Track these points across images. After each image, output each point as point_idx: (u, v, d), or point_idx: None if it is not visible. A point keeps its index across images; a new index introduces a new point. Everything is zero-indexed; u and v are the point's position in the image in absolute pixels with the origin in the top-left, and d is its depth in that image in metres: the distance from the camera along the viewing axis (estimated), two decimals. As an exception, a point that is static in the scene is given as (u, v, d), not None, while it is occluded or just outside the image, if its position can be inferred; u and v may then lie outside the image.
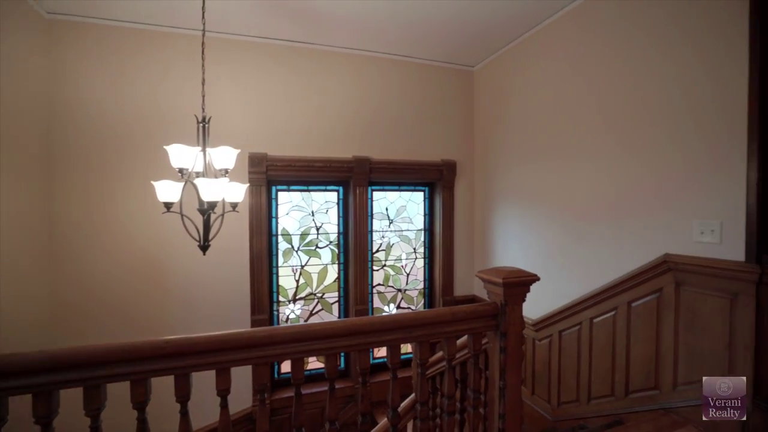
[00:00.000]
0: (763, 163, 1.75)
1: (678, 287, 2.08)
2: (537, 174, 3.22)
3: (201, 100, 2.17)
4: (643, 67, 2.32)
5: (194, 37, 2.96)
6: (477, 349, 1.62)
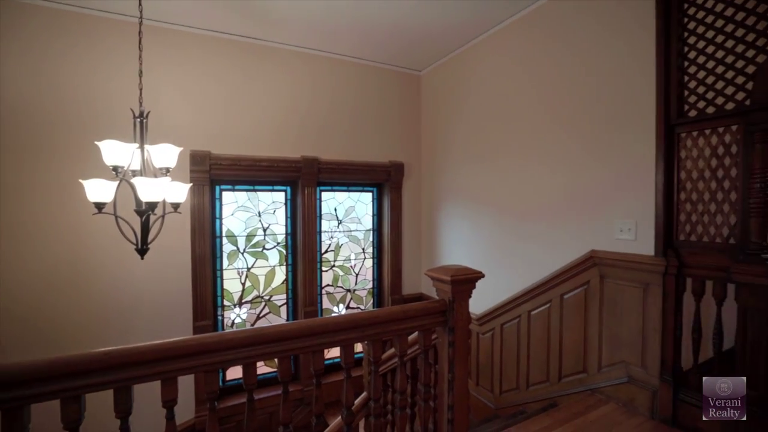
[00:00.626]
0: (667, 170, 2.01)
1: (602, 280, 2.32)
2: (481, 176, 3.41)
3: (138, 94, 2.02)
4: (572, 82, 2.55)
5: (130, 24, 2.74)
6: (427, 345, 1.68)
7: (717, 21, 1.86)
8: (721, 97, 1.84)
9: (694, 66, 1.94)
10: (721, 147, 1.84)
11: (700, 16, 1.93)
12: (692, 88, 1.96)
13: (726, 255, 1.81)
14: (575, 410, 2.21)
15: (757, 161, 1.70)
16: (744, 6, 1.77)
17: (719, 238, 1.85)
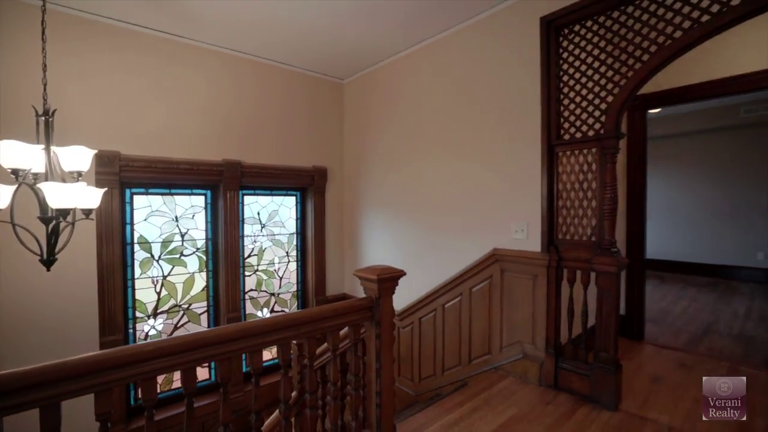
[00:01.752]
0: (549, 181, 2.47)
1: (502, 273, 2.73)
2: (400, 183, 3.69)
3: (42, 89, 1.86)
4: (481, 103, 2.95)
5: (31, 7, 2.46)
6: (357, 339, 1.86)
7: (580, 68, 2.36)
8: (585, 126, 2.34)
9: (567, 100, 2.42)
10: (585, 164, 2.34)
11: (568, 66, 2.41)
12: (566, 117, 2.44)
13: (590, 250, 2.30)
14: (482, 386, 2.57)
15: (608, 177, 2.21)
16: (599, 58, 2.28)
17: (585, 237, 2.34)
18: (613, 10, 2.23)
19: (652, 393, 2.41)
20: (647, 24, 2.10)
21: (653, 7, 2.09)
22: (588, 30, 2.35)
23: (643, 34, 2.12)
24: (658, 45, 2.07)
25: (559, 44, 2.49)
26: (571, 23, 2.41)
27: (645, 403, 2.29)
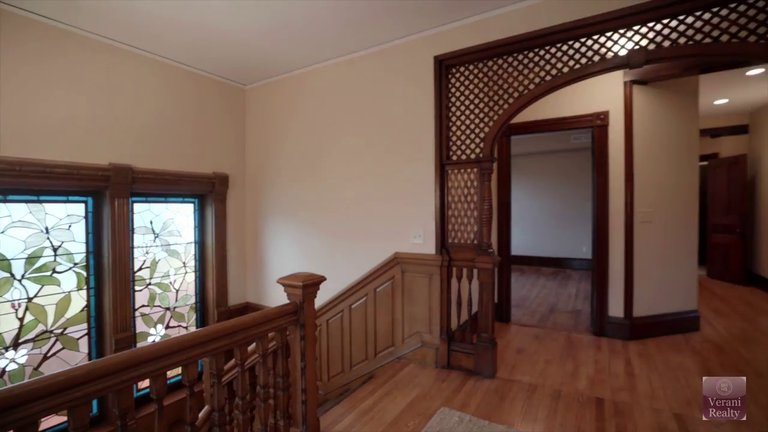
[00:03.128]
0: (441, 194, 2.94)
1: (403, 274, 3.12)
2: (307, 191, 3.84)
3: None
4: (386, 124, 3.31)
5: None
6: (283, 342, 2.00)
7: (465, 102, 2.89)
8: (468, 150, 2.87)
9: (455, 127, 2.93)
10: (469, 181, 2.86)
11: (456, 99, 2.93)
12: (454, 141, 2.94)
13: (473, 251, 2.82)
14: (389, 375, 2.91)
15: (486, 191, 2.76)
16: (478, 96, 2.83)
17: (469, 240, 2.86)
18: (488, 60, 2.80)
19: (517, 361, 3.06)
20: (512, 75, 2.71)
21: (515, 63, 2.71)
22: (470, 72, 2.89)
23: (509, 83, 2.73)
24: (519, 92, 2.69)
25: (448, 80, 2.99)
26: (457, 64, 2.93)
27: (513, 370, 2.91)
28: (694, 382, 2.66)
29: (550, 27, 2.53)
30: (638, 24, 2.31)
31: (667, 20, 2.24)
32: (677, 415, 2.24)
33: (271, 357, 2.05)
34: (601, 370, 2.87)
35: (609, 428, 2.14)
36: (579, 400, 2.45)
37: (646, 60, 2.29)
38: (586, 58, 2.48)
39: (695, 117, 3.70)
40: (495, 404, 2.42)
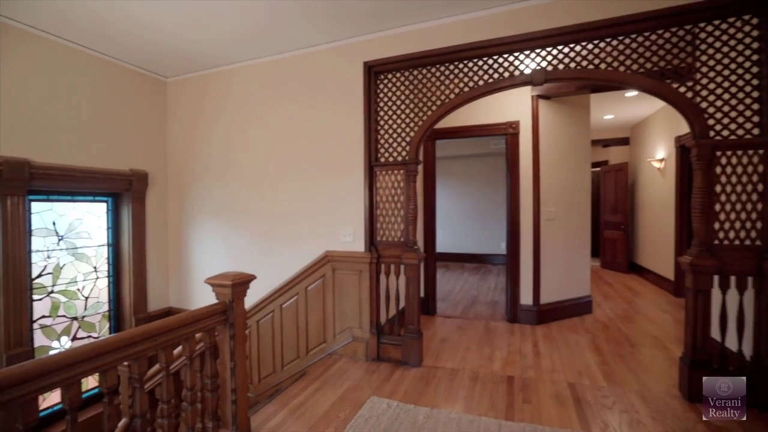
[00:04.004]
0: (370, 194, 3.08)
1: (334, 272, 3.21)
2: (236, 191, 3.75)
3: None
4: (317, 125, 3.36)
5: None
6: (212, 342, 1.98)
7: (392, 107, 3.06)
8: (395, 152, 3.05)
9: (383, 130, 3.09)
10: (396, 182, 3.04)
11: (384, 104, 3.09)
12: (382, 144, 3.10)
13: (400, 248, 3.01)
14: (320, 371, 2.98)
15: (411, 192, 2.96)
16: (405, 102, 3.02)
17: (396, 238, 3.04)
18: (414, 69, 3.00)
19: (441, 350, 3.31)
20: (434, 85, 2.94)
21: (438, 74, 2.94)
22: (397, 79, 3.07)
23: (432, 91, 2.95)
24: (441, 101, 2.92)
25: (377, 86, 3.14)
26: (385, 71, 3.09)
27: (438, 357, 3.15)
28: (585, 355, 3.12)
29: (467, 43, 2.80)
30: (539, 48, 2.66)
31: (561, 47, 2.62)
32: (570, 384, 2.63)
33: (199, 359, 2.02)
34: (513, 352, 3.23)
35: (517, 400, 2.43)
36: (493, 379, 2.74)
37: (546, 79, 2.65)
38: (498, 73, 2.79)
39: (588, 129, 4.30)
40: (421, 390, 2.62)
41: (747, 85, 2.27)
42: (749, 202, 2.28)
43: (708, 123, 2.32)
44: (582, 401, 2.40)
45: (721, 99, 2.31)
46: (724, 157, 2.31)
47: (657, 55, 2.43)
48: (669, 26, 2.40)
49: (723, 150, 2.30)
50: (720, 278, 2.31)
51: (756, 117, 2.25)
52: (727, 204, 2.31)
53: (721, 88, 2.31)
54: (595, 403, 2.38)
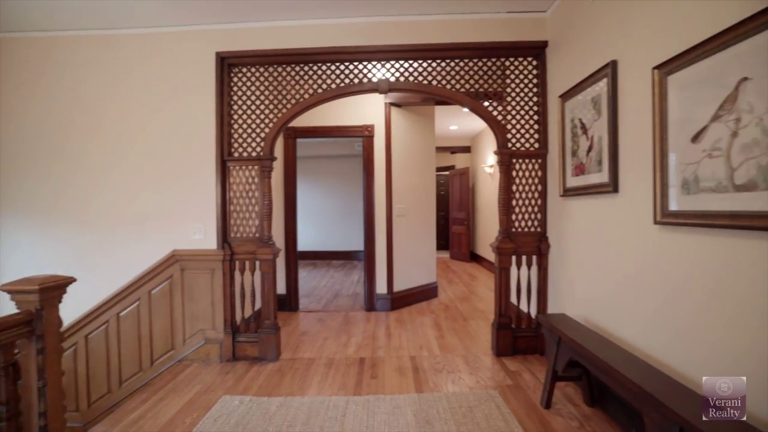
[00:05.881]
0: (223, 190, 2.98)
1: (183, 272, 2.99)
2: (65, 183, 3.12)
3: None
4: (160, 118, 3.06)
5: None
6: (7, 360, 1.66)
7: (247, 102, 3.02)
8: (250, 147, 3.01)
9: (237, 125, 3.02)
10: (250, 178, 3.01)
11: (238, 98, 3.02)
12: (236, 138, 3.02)
13: (254, 244, 2.98)
14: (166, 380, 2.74)
15: (266, 188, 2.97)
16: (260, 98, 3.01)
17: (251, 234, 3.01)
18: (269, 66, 3.01)
19: (301, 342, 3.40)
20: (290, 84, 3.01)
21: (293, 73, 3.02)
22: (252, 74, 3.03)
23: (287, 90, 3.01)
24: (296, 99, 3.01)
25: (231, 78, 3.04)
26: (240, 65, 3.02)
27: (297, 349, 3.22)
28: (427, 332, 3.60)
29: (322, 47, 2.95)
30: (385, 60, 2.98)
31: (403, 62, 2.98)
32: (412, 357, 3.02)
33: (-8, 381, 1.68)
34: (367, 337, 3.51)
35: (366, 377, 2.68)
36: (347, 362, 2.95)
37: (390, 89, 2.98)
38: (348, 79, 3.01)
39: (433, 136, 4.94)
40: (276, 382, 2.65)
41: (531, 110, 2.96)
42: (533, 199, 2.98)
43: (507, 136, 2.95)
44: (419, 369, 2.79)
45: (515, 118, 2.96)
46: (518, 164, 2.97)
47: (477, 80, 2.98)
48: (487, 57, 2.96)
49: (517, 158, 2.96)
50: (516, 257, 2.97)
51: (537, 135, 2.96)
52: (520, 200, 2.98)
53: (515, 110, 2.96)
54: (430, 369, 2.79)
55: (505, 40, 2.92)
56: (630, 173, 1.99)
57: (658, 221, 1.74)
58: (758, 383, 1.30)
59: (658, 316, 1.79)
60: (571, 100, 2.55)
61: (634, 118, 1.94)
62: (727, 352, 1.42)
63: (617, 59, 2.07)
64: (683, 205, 1.60)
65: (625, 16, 2.01)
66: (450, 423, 2.07)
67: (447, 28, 2.94)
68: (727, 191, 1.38)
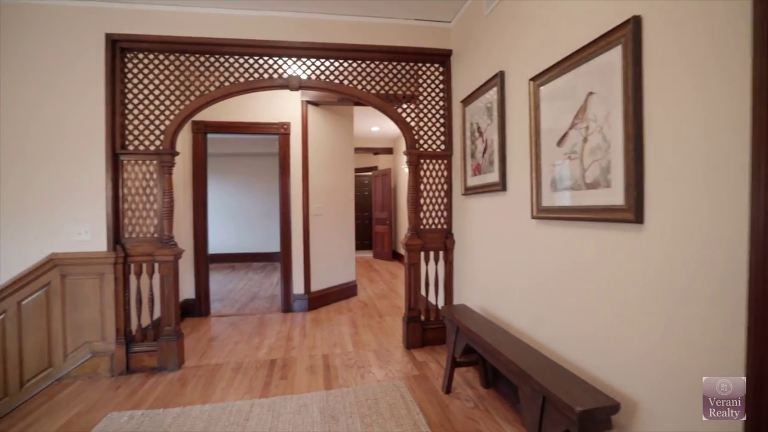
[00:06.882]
0: (115, 186, 2.70)
1: (64, 278, 2.65)
2: None
3: None
4: (32, 90, 2.67)
5: None
6: None
7: (144, 91, 2.78)
8: (147, 141, 2.77)
9: (132, 115, 2.76)
10: (148, 173, 2.77)
11: (133, 86, 2.77)
12: (131, 130, 2.76)
13: (153, 244, 2.75)
14: (38, 403, 2.39)
15: (166, 184, 2.76)
16: (159, 87, 2.78)
17: (149, 234, 2.77)
18: (170, 54, 2.81)
19: (209, 348, 3.21)
20: (193, 74, 2.83)
21: (198, 63, 2.85)
22: (151, 62, 2.79)
23: (191, 80, 2.83)
24: (200, 92, 2.84)
25: (125, 64, 2.77)
26: (136, 50, 2.76)
27: (203, 356, 3.03)
28: (343, 330, 3.63)
29: (230, 39, 2.82)
30: (296, 57, 2.94)
31: (315, 60, 2.97)
32: (324, 355, 3.01)
33: None
34: (281, 339, 3.43)
35: (275, 379, 2.62)
36: (256, 365, 2.85)
37: (300, 85, 2.95)
38: (258, 73, 2.92)
39: (351, 136, 4.98)
40: (176, 392, 2.47)
41: (437, 113, 3.15)
42: (440, 197, 3.16)
43: (416, 138, 3.10)
44: (331, 367, 2.80)
45: (423, 121, 3.12)
46: (426, 164, 3.13)
47: (388, 82, 3.08)
48: (397, 61, 3.07)
49: (425, 158, 3.12)
50: (424, 253, 3.12)
51: (443, 137, 3.15)
52: (428, 199, 3.14)
53: (423, 113, 3.12)
54: (341, 366, 2.81)
55: (415, 45, 3.06)
56: (515, 173, 2.22)
57: (534, 216, 1.96)
58: (600, 347, 1.54)
59: (533, 299, 2.01)
60: (470, 106, 2.76)
61: (518, 124, 2.17)
62: (587, 324, 1.65)
63: (504, 70, 2.29)
64: (551, 201, 1.82)
65: (512, 31, 2.23)
66: (355, 416, 2.11)
67: (360, 30, 3.01)
68: (581, 189, 1.61)
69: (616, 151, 1.41)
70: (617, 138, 1.40)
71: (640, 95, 1.32)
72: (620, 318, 1.43)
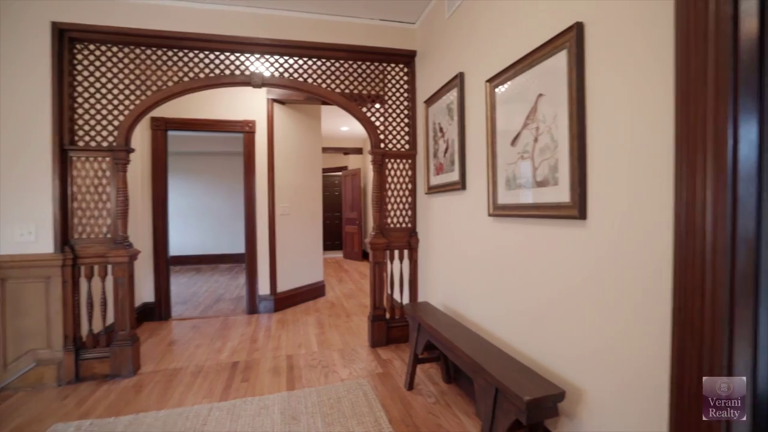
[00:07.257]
0: (62, 184, 2.56)
1: (4, 282, 2.48)
2: None
3: None
4: None
5: None
6: None
7: (96, 84, 2.65)
8: (100, 136, 2.64)
9: (82, 109, 2.62)
10: (100, 171, 2.64)
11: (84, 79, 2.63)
12: (81, 126, 2.63)
13: (106, 245, 2.63)
14: (-24, 414, 2.24)
15: (120, 182, 2.64)
16: (113, 81, 2.66)
17: (101, 234, 2.64)
18: (125, 46, 2.69)
19: (167, 352, 3.09)
20: (150, 68, 2.73)
21: (154, 57, 2.74)
22: (103, 53, 2.67)
23: (147, 75, 2.73)
24: (157, 86, 2.74)
25: (74, 56, 2.63)
26: (87, 41, 2.63)
27: (161, 360, 2.92)
28: (309, 331, 3.59)
29: (189, 33, 2.74)
30: (259, 54, 2.89)
31: (278, 57, 2.93)
32: (288, 356, 2.97)
33: None
34: (244, 341, 3.35)
35: (236, 382, 2.56)
36: (217, 368, 2.78)
37: (263, 83, 2.90)
38: (219, 69, 2.85)
39: (319, 136, 4.94)
40: (129, 399, 2.37)
41: (402, 113, 3.18)
42: (404, 196, 3.19)
43: (380, 137, 3.12)
44: (295, 367, 2.77)
45: (388, 120, 3.14)
46: (390, 163, 3.15)
47: (353, 81, 3.08)
48: (362, 60, 3.08)
49: (390, 158, 3.14)
50: (389, 252, 3.14)
51: (408, 136, 3.19)
52: (393, 198, 3.17)
53: (387, 112, 3.14)
54: (305, 366, 2.78)
55: (380, 46, 3.08)
56: (474, 172, 2.27)
57: (491, 214, 2.02)
58: (550, 340, 1.60)
59: (489, 295, 2.07)
60: (433, 106, 2.80)
61: (476, 124, 2.22)
62: (540, 317, 1.71)
63: (464, 71, 2.35)
64: (506, 200, 1.88)
65: (470, 33, 2.29)
66: (317, 416, 2.09)
67: (324, 28, 2.99)
68: (533, 187, 1.67)
69: (562, 150, 1.47)
70: (563, 138, 1.46)
71: (582, 97, 1.39)
72: (569, 310, 1.50)
